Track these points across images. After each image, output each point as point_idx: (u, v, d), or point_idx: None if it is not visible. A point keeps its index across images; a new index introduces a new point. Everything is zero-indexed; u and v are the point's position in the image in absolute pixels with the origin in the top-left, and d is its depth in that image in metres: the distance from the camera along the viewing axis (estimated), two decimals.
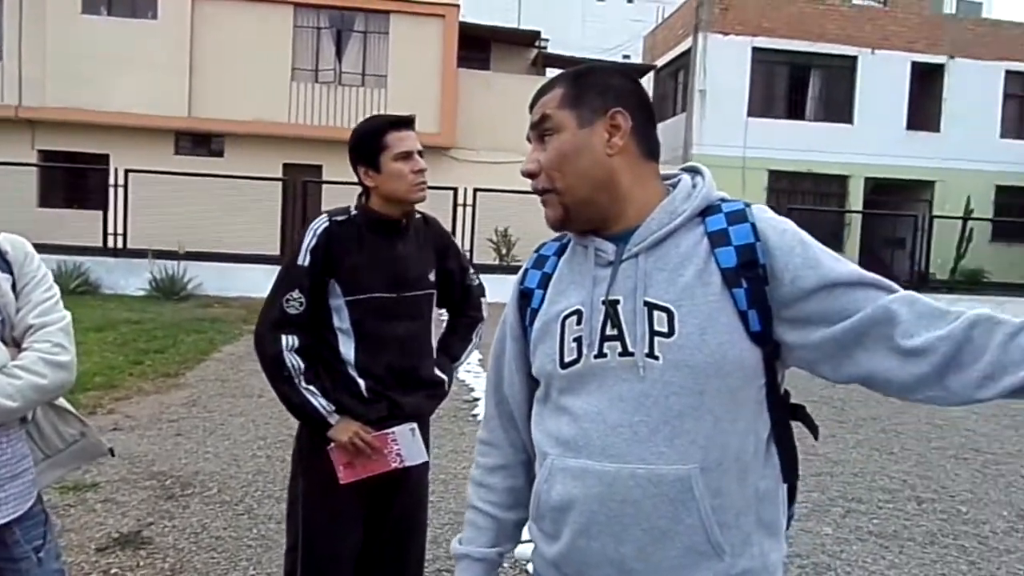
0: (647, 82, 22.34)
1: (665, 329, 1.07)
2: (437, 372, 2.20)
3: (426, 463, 2.18)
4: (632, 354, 1.09)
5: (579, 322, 1.14)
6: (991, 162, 19.55)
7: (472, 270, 2.36)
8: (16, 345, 1.57)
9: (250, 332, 9.39)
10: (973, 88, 19.79)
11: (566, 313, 1.16)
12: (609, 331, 1.11)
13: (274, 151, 16.59)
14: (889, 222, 19.45)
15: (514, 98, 17.78)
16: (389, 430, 2.04)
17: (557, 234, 1.28)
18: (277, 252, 13.91)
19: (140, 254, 12.77)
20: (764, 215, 1.12)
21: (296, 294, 2.00)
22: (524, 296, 1.25)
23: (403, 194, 2.03)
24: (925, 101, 19.98)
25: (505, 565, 3.27)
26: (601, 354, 1.11)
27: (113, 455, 1.92)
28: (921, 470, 4.96)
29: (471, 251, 14.25)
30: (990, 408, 6.93)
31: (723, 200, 1.15)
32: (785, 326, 1.09)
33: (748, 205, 1.13)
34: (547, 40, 20.64)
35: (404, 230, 2.10)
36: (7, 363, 1.53)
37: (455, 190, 13.84)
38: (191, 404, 5.81)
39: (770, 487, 1.13)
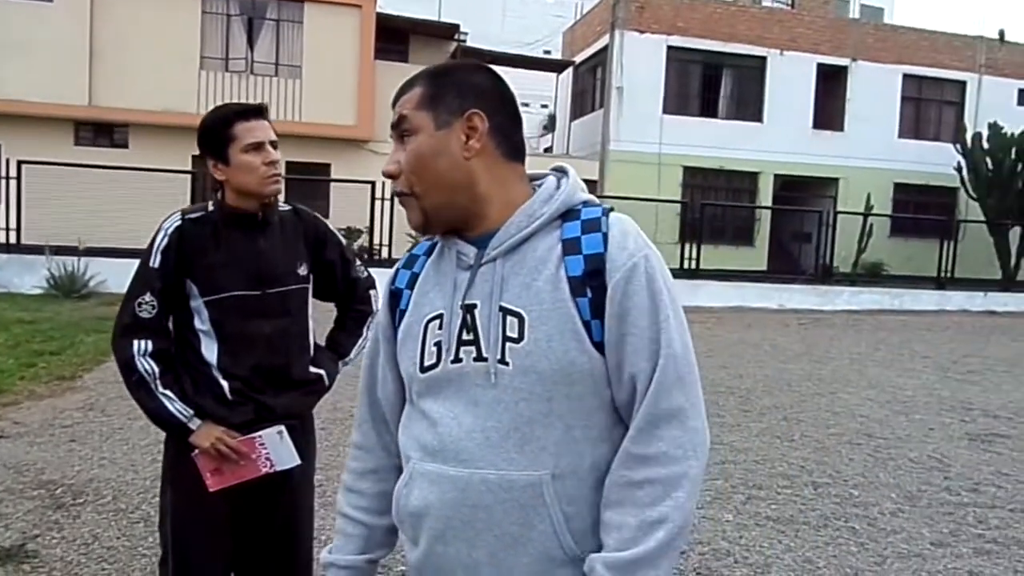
0: (567, 77, 22.60)
1: (516, 335, 1.07)
2: (312, 369, 2.11)
3: (305, 466, 2.09)
4: (486, 359, 1.08)
5: (440, 326, 1.13)
6: (890, 160, 20.60)
7: (359, 262, 2.28)
8: None
9: None
10: (874, 90, 20.81)
11: (430, 317, 1.15)
12: (466, 336, 1.10)
13: (182, 142, 15.83)
14: (797, 217, 20.29)
15: None
16: (255, 434, 1.96)
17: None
18: None
19: (36, 250, 12.07)
20: (618, 227, 1.11)
21: (148, 297, 1.91)
22: (394, 296, 1.24)
23: (254, 187, 1.94)
24: (830, 101, 20.88)
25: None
26: (457, 359, 1.10)
27: None
28: (818, 456, 5.19)
29: (390, 246, 14.09)
30: (884, 395, 7.32)
31: (585, 204, 1.14)
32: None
33: (606, 213, 1.12)
34: (467, 34, 20.55)
35: (265, 224, 2.01)
36: None
37: (373, 184, 13.63)
38: (88, 408, 5.53)
39: None
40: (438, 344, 1.12)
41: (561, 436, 1.07)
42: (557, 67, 22.40)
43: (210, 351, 1.95)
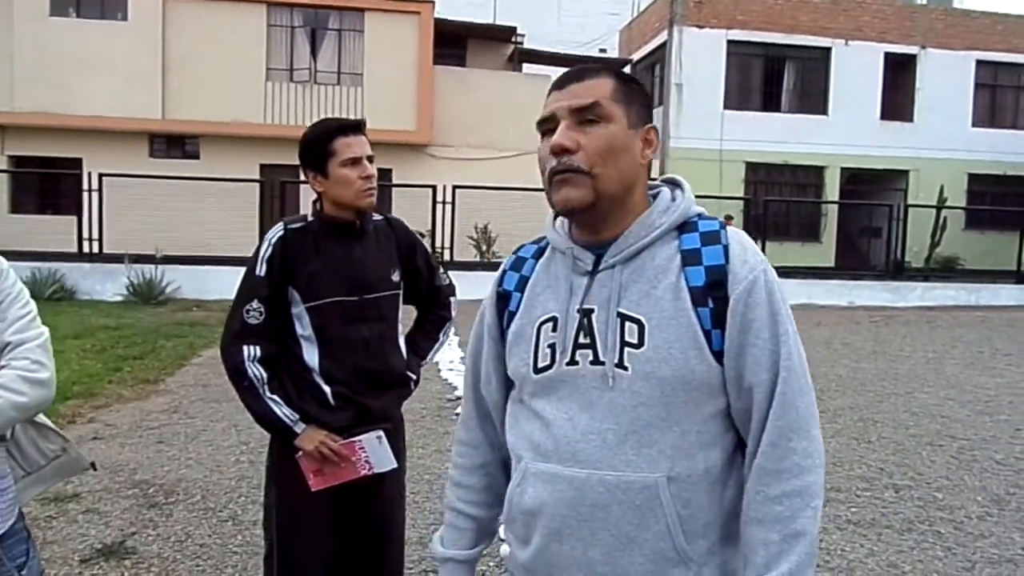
0: None
1: (635, 340, 1.10)
2: (406, 372, 2.21)
3: (400, 469, 2.18)
4: (603, 363, 1.11)
5: (554, 328, 1.16)
6: (963, 151, 19.83)
7: (442, 271, 2.37)
8: None
9: None
10: (945, 78, 20.06)
11: (543, 319, 1.18)
12: (582, 340, 1.13)
13: (250, 152, 16.46)
14: (865, 212, 19.70)
15: (491, 94, 17.84)
16: (356, 438, 2.05)
17: (534, 236, 1.31)
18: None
19: (116, 259, 12.65)
20: (736, 240, 1.14)
21: (255, 304, 2.00)
22: (502, 298, 1.27)
23: (350, 200, 2.03)
24: (898, 91, 20.22)
25: (491, 563, 3.30)
26: (573, 361, 1.13)
27: (95, 469, 1.92)
28: (898, 458, 5.05)
29: (451, 249, 14.26)
30: (965, 395, 7.06)
31: (700, 217, 1.17)
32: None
33: (723, 226, 1.15)
34: (523, 35, 20.61)
35: (361, 233, 2.10)
36: None
37: (433, 188, 13.82)
38: (172, 411, 5.77)
39: (736, 498, 1.15)
40: (552, 346, 1.15)
41: (677, 440, 1.10)
42: (615, 66, 22.23)
43: (312, 356, 2.03)
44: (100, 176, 13.12)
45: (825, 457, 1.19)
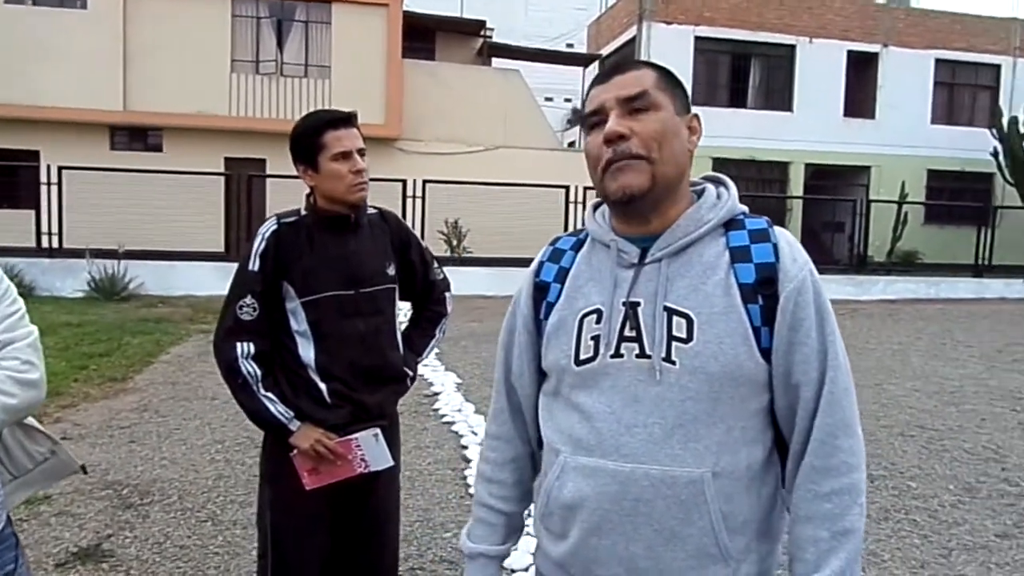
0: (593, 71, 22.49)
1: (684, 335, 1.09)
2: (403, 367, 2.18)
3: (396, 466, 2.16)
4: (649, 356, 1.10)
5: (598, 321, 1.15)
6: (923, 147, 20.29)
7: (436, 265, 2.34)
8: None
9: (198, 332, 9.15)
10: (905, 76, 20.49)
11: (585, 311, 1.17)
12: (628, 332, 1.12)
13: (215, 145, 16.16)
14: (829, 207, 20.06)
15: (461, 88, 17.75)
16: (352, 436, 2.01)
17: (559, 233, 1.31)
18: (222, 249, 13.61)
19: (77, 254, 12.32)
20: (784, 239, 1.15)
21: (249, 300, 1.96)
22: (540, 289, 1.25)
23: (341, 195, 2.00)
24: (861, 89, 20.59)
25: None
26: (618, 354, 1.12)
27: (85, 472, 1.86)
28: (871, 448, 5.13)
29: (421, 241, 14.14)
30: (931, 386, 7.23)
31: (745, 215, 1.18)
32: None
33: (770, 225, 1.16)
34: (492, 29, 20.55)
35: (355, 226, 2.07)
36: None
37: (404, 182, 13.71)
38: (142, 409, 5.64)
39: (773, 495, 1.16)
40: (595, 338, 1.14)
41: (723, 436, 1.09)
42: (583, 61, 22.32)
43: (307, 352, 1.99)
44: (59, 169, 12.77)
45: None
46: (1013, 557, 3.49)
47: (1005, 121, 18.53)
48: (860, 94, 20.63)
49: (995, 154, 18.68)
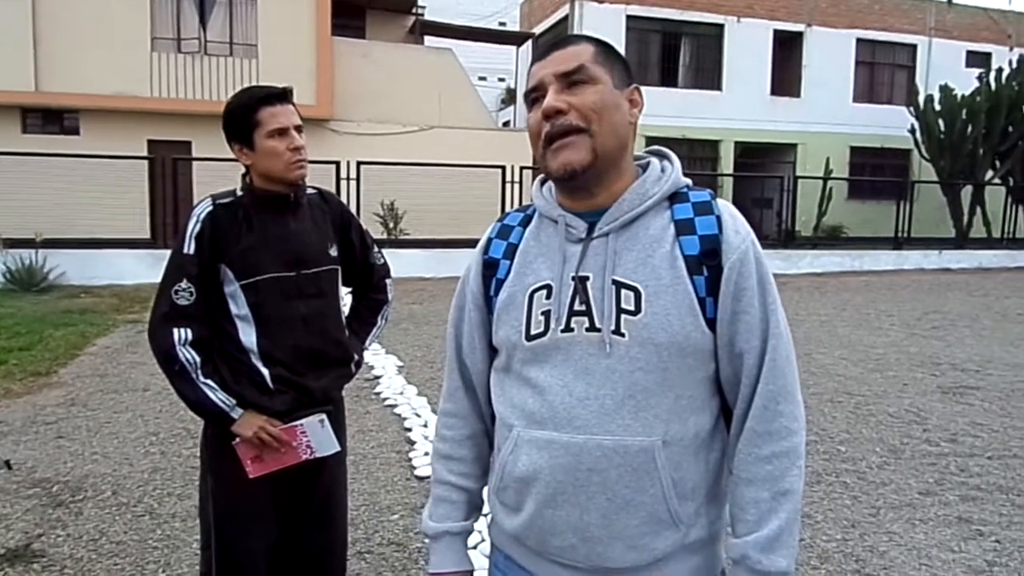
0: (526, 50, 22.45)
1: (632, 308, 1.11)
2: (348, 349, 2.14)
3: (342, 451, 2.13)
4: (599, 330, 1.11)
5: (548, 296, 1.15)
6: (846, 125, 21.00)
7: (377, 250, 2.29)
8: None
9: (126, 322, 8.80)
10: (829, 55, 21.12)
11: (535, 287, 1.17)
12: (577, 307, 1.13)
13: (137, 127, 15.52)
14: (758, 183, 20.57)
15: (394, 67, 17.46)
16: (297, 422, 1.97)
17: (509, 210, 1.31)
18: (148, 236, 13.11)
19: None
20: (727, 211, 1.17)
21: (185, 284, 1.89)
22: (489, 266, 1.25)
23: (279, 173, 1.94)
24: (787, 68, 21.13)
25: None
26: (568, 328, 1.13)
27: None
28: None
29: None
30: (857, 354, 7.54)
31: (689, 188, 1.19)
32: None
33: (713, 197, 1.17)
34: (424, 7, 20.25)
35: (295, 206, 2.01)
36: None
37: (337, 164, 13.45)
38: (69, 403, 5.42)
39: (720, 460, 1.19)
40: (546, 313, 1.15)
41: (671, 405, 1.11)
42: (516, 40, 22.23)
43: (248, 337, 1.94)
44: None
45: None
46: (935, 513, 3.69)
47: (921, 99, 19.30)
48: (786, 73, 21.18)
49: (912, 131, 19.46)
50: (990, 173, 19.64)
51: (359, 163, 13.80)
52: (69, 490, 3.81)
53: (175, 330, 1.88)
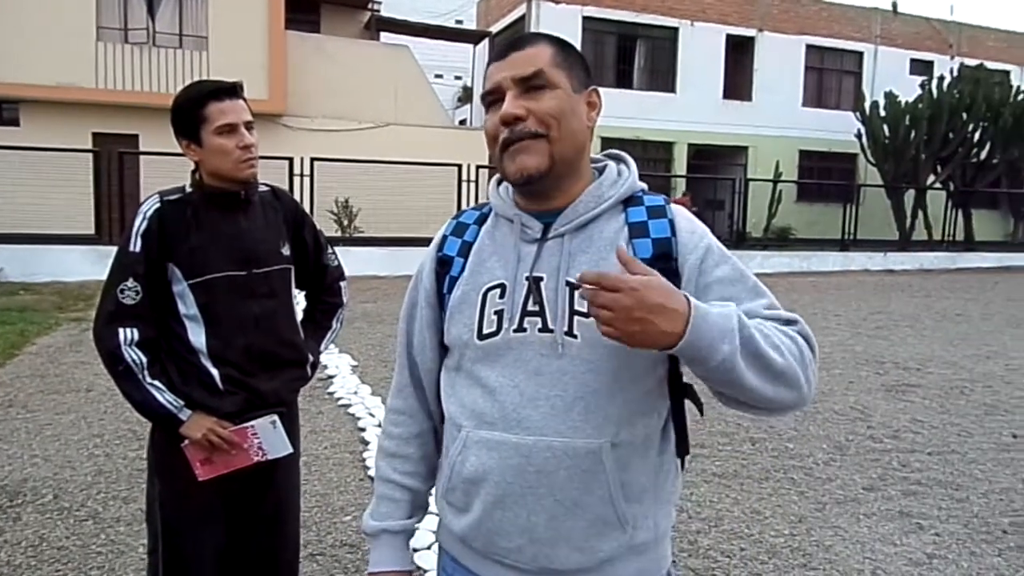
0: (483, 48, 22.43)
1: (585, 309, 1.09)
2: (303, 351, 2.10)
3: (295, 452, 2.09)
4: (552, 331, 1.11)
5: (502, 295, 1.15)
6: (795, 129, 21.48)
7: (331, 251, 2.25)
8: None
9: (68, 320, 8.53)
10: (779, 60, 21.58)
11: (489, 286, 1.17)
12: (531, 307, 1.13)
13: (81, 119, 15.04)
14: (710, 185, 20.92)
15: (349, 63, 17.26)
16: (248, 424, 1.93)
17: (471, 207, 1.29)
18: (92, 231, 12.72)
19: None
20: (681, 214, 1.18)
21: (131, 283, 1.84)
22: (442, 263, 1.24)
23: (229, 171, 1.89)
24: (739, 72, 21.52)
25: None
26: (521, 328, 1.13)
27: None
28: (749, 416, 5.42)
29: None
30: None
31: (644, 192, 1.21)
32: None
33: (668, 202, 1.19)
34: (380, 3, 20.07)
35: (246, 203, 1.97)
36: None
37: (290, 160, 13.24)
38: (7, 405, 5.22)
39: (667, 462, 1.19)
40: (499, 313, 1.14)
41: (621, 407, 1.12)
42: (473, 38, 22.19)
43: (198, 337, 1.89)
44: None
45: (686, 416, 1.21)
46: (879, 508, 3.80)
47: (867, 105, 19.85)
48: (738, 77, 21.57)
49: (859, 136, 20.02)
50: (932, 178, 20.30)
51: (313, 159, 13.62)
52: (7, 495, 3.67)
53: (121, 330, 1.82)
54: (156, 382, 1.84)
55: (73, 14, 14.85)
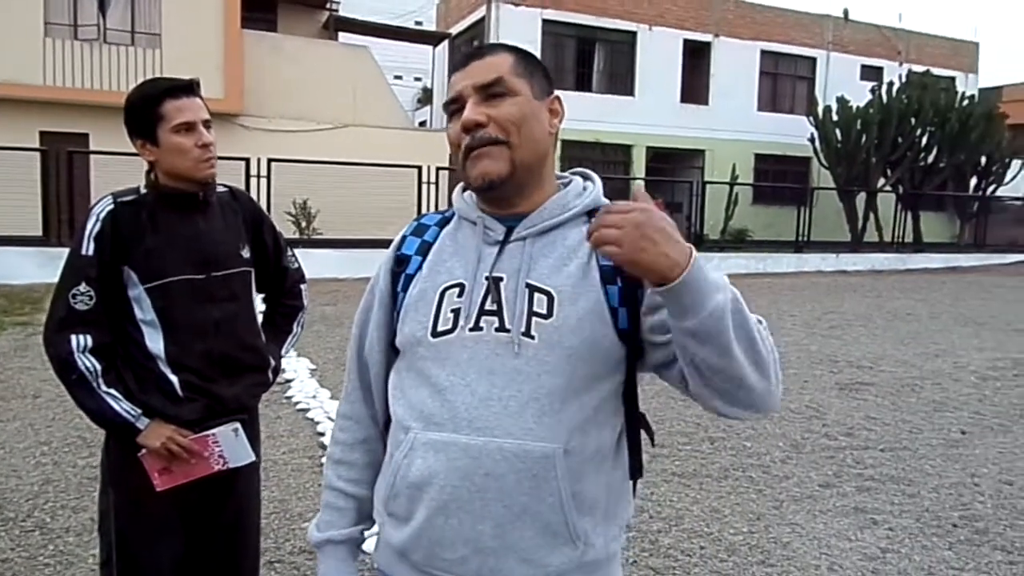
0: (443, 50, 22.36)
1: (544, 311, 1.10)
2: (264, 355, 2.05)
3: (255, 461, 2.04)
4: (509, 330, 1.10)
5: (460, 295, 1.14)
6: (750, 132, 21.86)
7: (291, 253, 2.21)
8: None
9: (12, 325, 8.29)
10: (735, 65, 21.94)
11: (447, 285, 1.16)
12: (488, 306, 1.12)
13: (28, 117, 14.58)
14: (668, 188, 21.15)
15: (307, 63, 17.05)
16: (209, 432, 1.88)
17: (435, 211, 1.29)
18: (39, 232, 12.34)
19: None
20: None
21: (84, 287, 1.77)
22: (399, 262, 1.23)
23: (187, 171, 1.83)
24: (696, 76, 21.83)
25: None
26: (477, 327, 1.12)
27: None
28: (708, 415, 5.50)
29: None
30: None
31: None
32: (647, 328, 1.12)
33: None
34: (338, 3, 19.87)
35: (204, 204, 1.91)
36: None
37: (247, 160, 13.02)
38: None
39: (619, 481, 1.18)
40: (456, 311, 1.13)
41: (575, 413, 1.10)
42: (433, 39, 22.10)
43: (155, 343, 1.83)
44: None
45: (647, 415, 1.22)
46: (834, 504, 3.87)
47: (820, 110, 20.28)
48: (695, 81, 21.87)
49: (812, 140, 20.44)
50: (882, 181, 20.83)
51: (270, 160, 13.42)
52: None
53: (73, 336, 1.76)
54: (112, 390, 1.78)
55: (19, 9, 14.39)
